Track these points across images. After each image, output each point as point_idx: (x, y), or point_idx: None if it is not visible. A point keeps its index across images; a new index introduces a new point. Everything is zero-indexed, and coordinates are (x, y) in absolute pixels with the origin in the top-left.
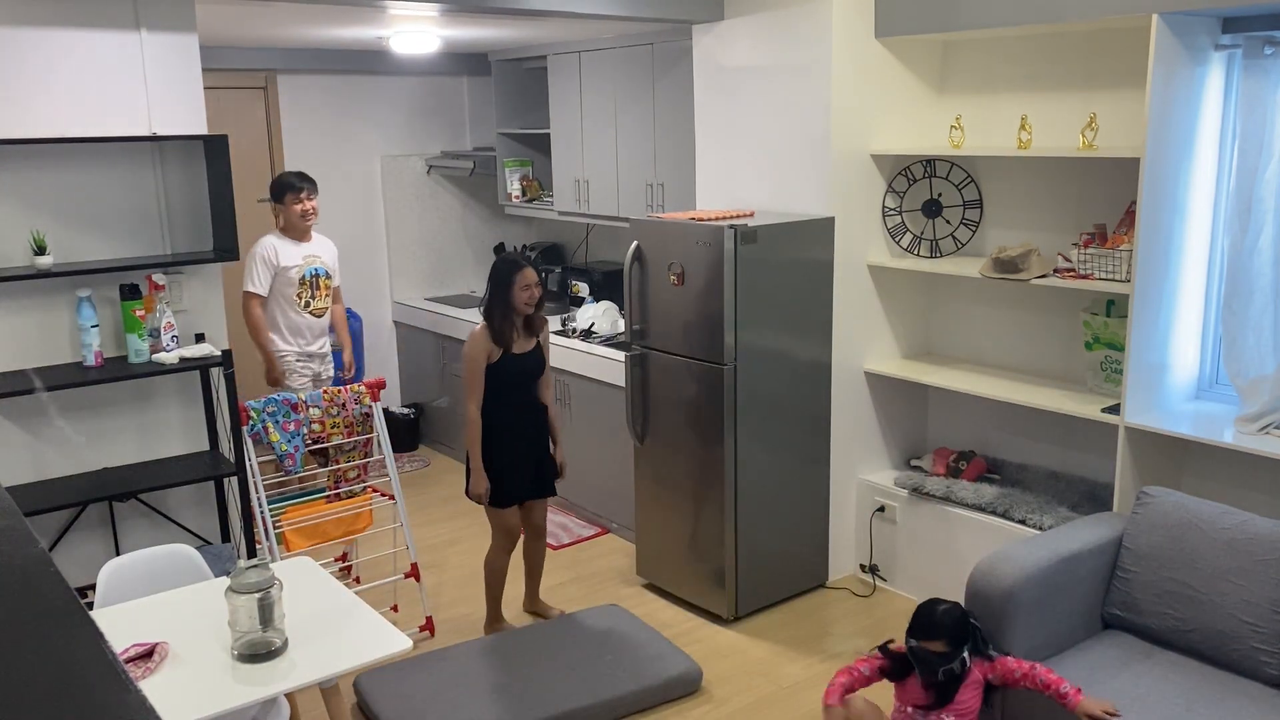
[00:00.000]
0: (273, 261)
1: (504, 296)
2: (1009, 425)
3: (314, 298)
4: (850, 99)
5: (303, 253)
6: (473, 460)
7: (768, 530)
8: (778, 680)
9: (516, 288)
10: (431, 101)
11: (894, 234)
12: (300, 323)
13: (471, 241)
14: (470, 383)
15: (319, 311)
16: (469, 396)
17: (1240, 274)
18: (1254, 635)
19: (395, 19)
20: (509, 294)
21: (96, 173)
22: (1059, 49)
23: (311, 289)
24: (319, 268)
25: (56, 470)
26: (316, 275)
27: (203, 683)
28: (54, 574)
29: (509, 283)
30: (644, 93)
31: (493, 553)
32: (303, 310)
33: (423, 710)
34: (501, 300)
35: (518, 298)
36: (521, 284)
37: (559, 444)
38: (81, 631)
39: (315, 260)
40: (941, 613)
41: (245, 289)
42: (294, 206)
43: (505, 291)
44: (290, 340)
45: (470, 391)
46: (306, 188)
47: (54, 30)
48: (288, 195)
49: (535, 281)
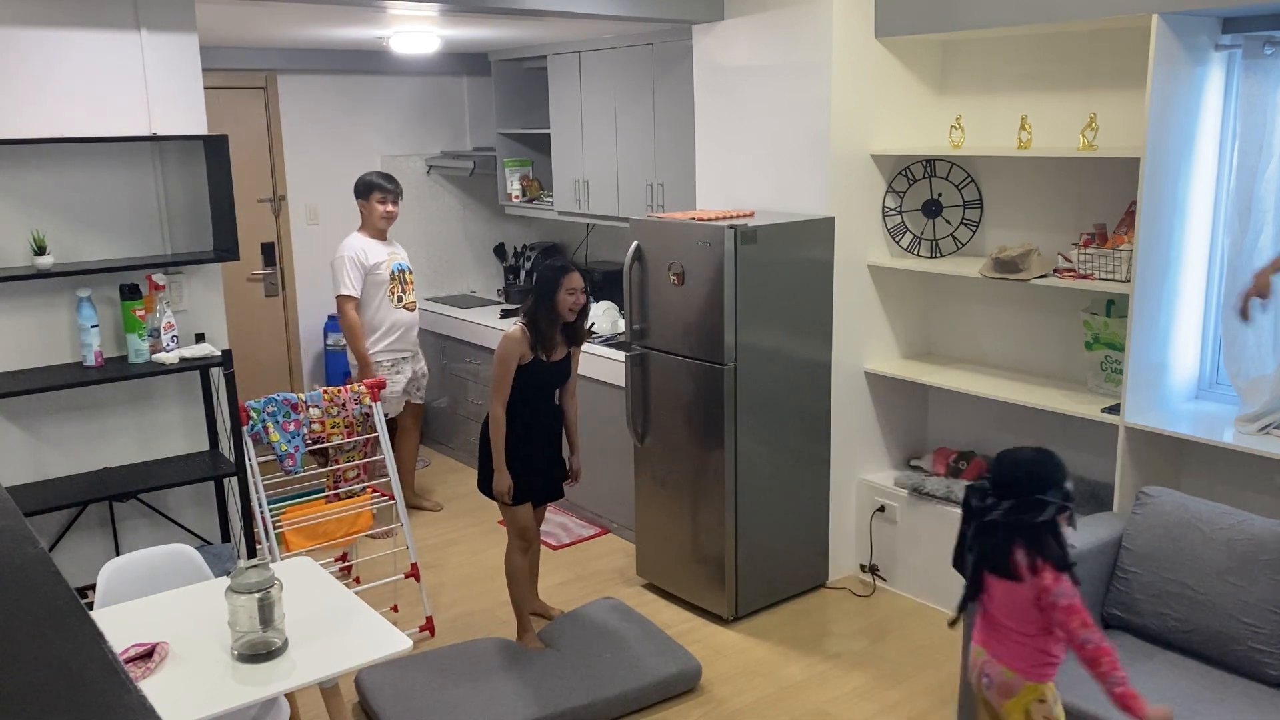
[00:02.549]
0: (363, 262)
1: (549, 301)
2: (1009, 425)
3: (405, 293)
4: (850, 99)
5: (387, 250)
6: (495, 459)
7: (768, 530)
8: (778, 680)
9: (562, 291)
10: (431, 101)
11: (894, 234)
12: (398, 319)
13: (471, 241)
14: (500, 383)
15: (411, 306)
16: (496, 396)
17: (1240, 274)
18: (1253, 636)
19: (395, 19)
20: (554, 298)
21: (96, 173)
22: (1059, 49)
23: (401, 284)
24: (402, 264)
25: (56, 470)
26: (403, 271)
27: (203, 683)
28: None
29: (555, 286)
30: (644, 93)
31: (510, 552)
32: (398, 306)
33: (423, 710)
34: (547, 305)
35: (562, 302)
36: (567, 288)
37: (577, 450)
38: (81, 631)
39: (398, 256)
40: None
41: (340, 293)
42: (379, 206)
43: (551, 296)
44: (393, 341)
45: (498, 391)
46: (394, 190)
47: (54, 30)
48: (374, 194)
49: (581, 287)
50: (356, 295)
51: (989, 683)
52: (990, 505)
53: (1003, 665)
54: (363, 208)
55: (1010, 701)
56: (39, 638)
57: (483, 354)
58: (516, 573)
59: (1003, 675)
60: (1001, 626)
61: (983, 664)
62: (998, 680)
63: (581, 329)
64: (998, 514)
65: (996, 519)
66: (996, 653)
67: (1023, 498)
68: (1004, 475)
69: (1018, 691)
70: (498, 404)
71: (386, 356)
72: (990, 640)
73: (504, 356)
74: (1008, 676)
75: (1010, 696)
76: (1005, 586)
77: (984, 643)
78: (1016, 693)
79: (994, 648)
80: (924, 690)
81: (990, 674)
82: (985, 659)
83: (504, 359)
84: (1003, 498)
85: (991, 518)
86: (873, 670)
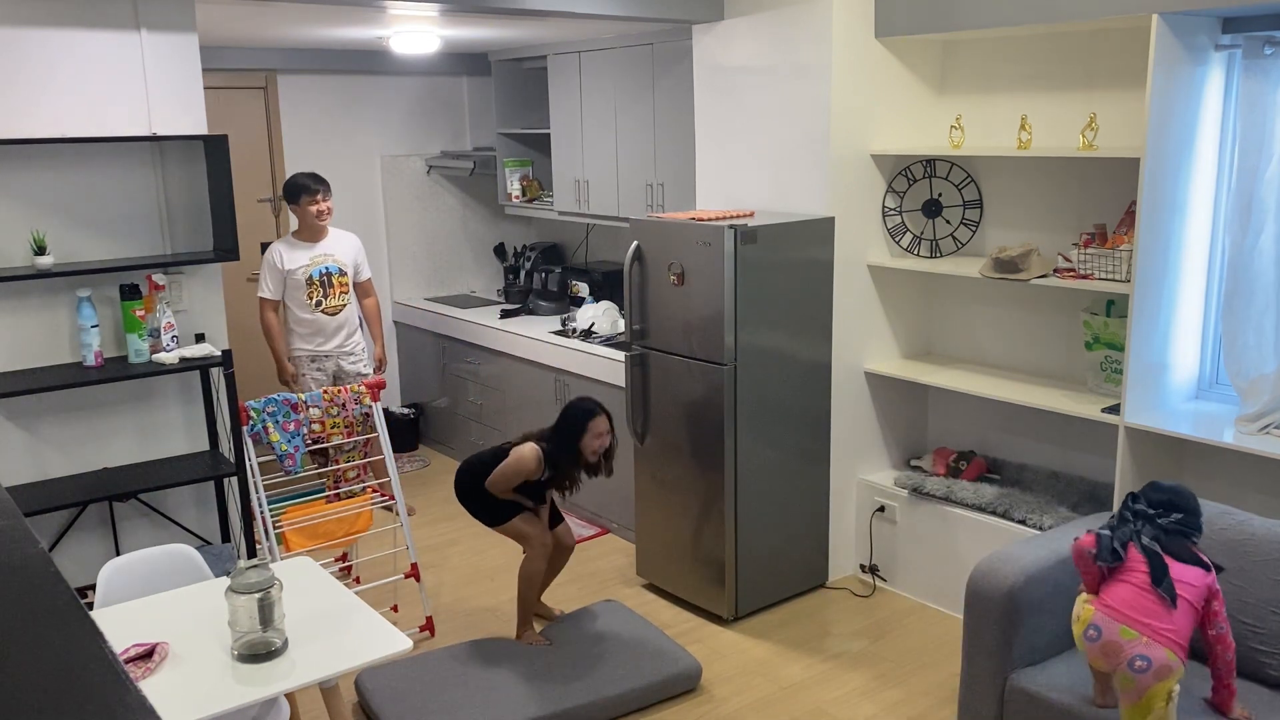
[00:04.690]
0: (278, 267)
1: (573, 443)
2: (1009, 425)
3: (326, 297)
4: (850, 99)
5: (311, 254)
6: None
7: (768, 530)
8: (778, 680)
9: (589, 435)
10: (431, 101)
11: (894, 234)
12: (314, 322)
13: (471, 241)
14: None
15: (332, 310)
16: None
17: (1240, 274)
18: (1253, 636)
19: (395, 19)
20: (579, 441)
21: (96, 173)
22: (1059, 49)
23: (323, 288)
24: (329, 266)
25: (56, 470)
26: (327, 274)
27: (203, 683)
28: (54, 574)
29: (581, 430)
30: (644, 93)
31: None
32: (314, 310)
33: (423, 710)
34: (569, 446)
35: (588, 446)
36: (594, 432)
37: None
38: (81, 631)
39: (325, 259)
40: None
41: (258, 294)
42: (309, 208)
43: (575, 439)
44: (308, 341)
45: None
46: (321, 189)
47: (54, 30)
48: (303, 197)
49: (607, 429)
50: (273, 298)
51: (1145, 665)
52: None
53: (1168, 648)
54: (295, 211)
55: (1161, 684)
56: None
57: (482, 354)
58: (533, 577)
59: (1166, 657)
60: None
61: (1138, 647)
62: (1160, 662)
63: (604, 469)
64: (1167, 522)
65: (1169, 524)
66: (1160, 638)
67: (1189, 518)
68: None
69: (1174, 673)
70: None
71: (304, 353)
72: (1151, 623)
73: (517, 472)
74: (1171, 659)
75: (1166, 679)
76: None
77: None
78: (1174, 673)
79: (1156, 633)
80: (924, 690)
81: (1152, 656)
82: (1144, 642)
83: (516, 474)
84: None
85: (1163, 522)
86: (873, 670)
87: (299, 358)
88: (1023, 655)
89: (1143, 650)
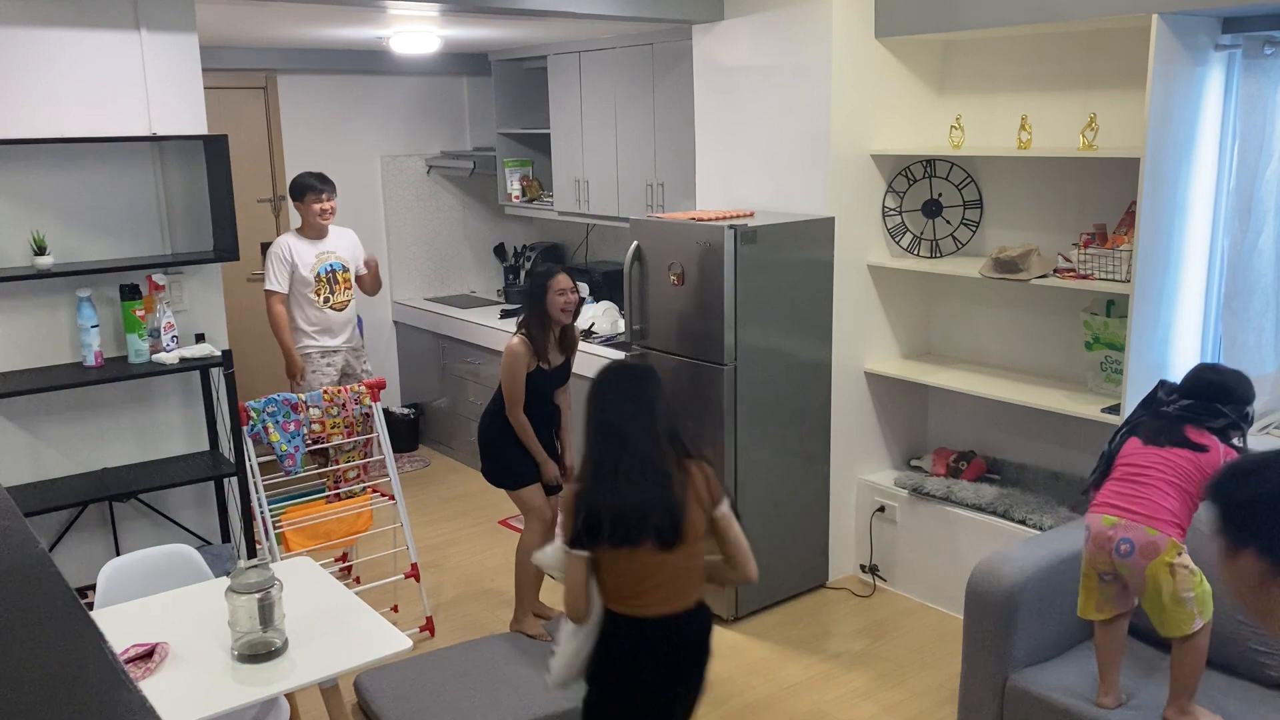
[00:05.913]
0: (288, 259)
1: (539, 306)
2: (1009, 425)
3: (333, 293)
4: (850, 99)
5: (316, 251)
6: (536, 455)
7: (768, 530)
8: (778, 680)
9: (551, 293)
10: (431, 101)
11: (894, 234)
12: (322, 318)
13: (471, 242)
14: (514, 395)
15: (340, 306)
16: (514, 406)
17: (1240, 274)
18: (1253, 636)
19: (395, 19)
20: (544, 302)
21: (96, 173)
22: (1059, 49)
23: (330, 285)
24: (334, 263)
25: (56, 470)
26: (333, 271)
27: (203, 683)
28: (54, 574)
29: (543, 289)
30: (644, 93)
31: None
32: (323, 306)
33: (423, 710)
34: (538, 310)
35: (553, 303)
36: (556, 289)
37: (568, 448)
38: (81, 631)
39: (330, 256)
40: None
41: (266, 288)
42: (314, 206)
43: (540, 300)
44: (316, 337)
45: (515, 402)
46: (326, 189)
47: (54, 30)
48: (308, 195)
49: (570, 285)
50: (281, 291)
51: (1129, 548)
52: (1170, 400)
53: (1145, 525)
54: (300, 209)
55: (1154, 561)
56: (39, 638)
57: (482, 354)
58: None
59: (1145, 534)
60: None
61: (1119, 531)
62: (1141, 541)
63: (571, 335)
64: (1173, 408)
65: (1169, 411)
66: (1136, 517)
67: (1201, 402)
68: (1194, 381)
69: (1163, 549)
70: (517, 411)
71: (314, 349)
72: (1128, 507)
73: (513, 371)
74: (1151, 534)
75: (1154, 556)
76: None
77: (1120, 511)
78: (1162, 550)
79: (1133, 514)
80: (924, 690)
81: (1132, 537)
82: (1123, 524)
83: (514, 374)
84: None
85: (1165, 409)
86: (873, 670)
87: (309, 354)
88: (1022, 655)
89: (1123, 533)
